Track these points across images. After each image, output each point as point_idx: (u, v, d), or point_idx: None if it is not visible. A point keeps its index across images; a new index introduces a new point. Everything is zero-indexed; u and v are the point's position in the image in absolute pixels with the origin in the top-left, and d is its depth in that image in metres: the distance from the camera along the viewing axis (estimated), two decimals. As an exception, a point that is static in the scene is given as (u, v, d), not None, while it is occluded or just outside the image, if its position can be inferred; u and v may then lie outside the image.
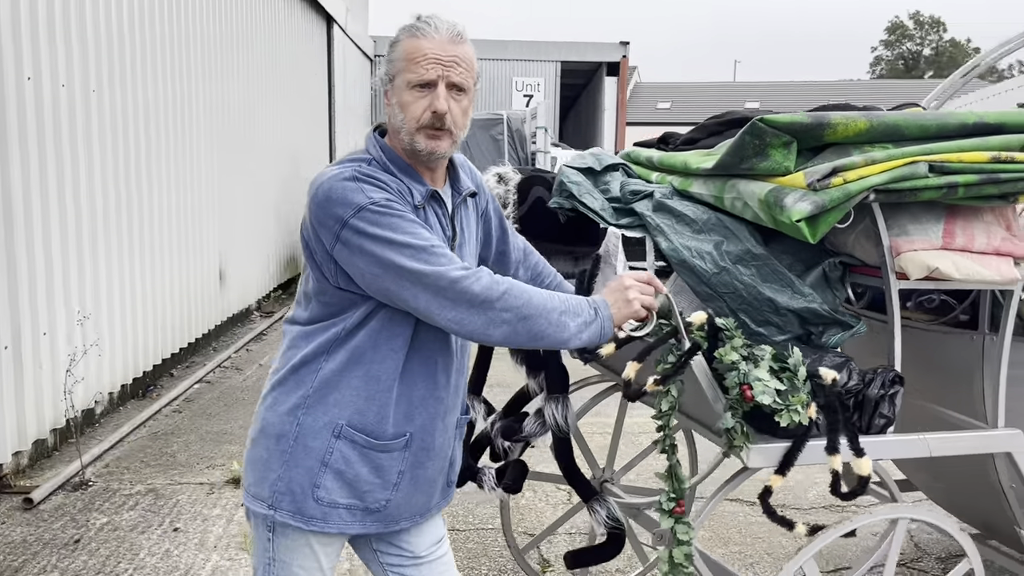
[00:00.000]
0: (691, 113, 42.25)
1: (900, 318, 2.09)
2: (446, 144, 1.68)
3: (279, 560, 1.80)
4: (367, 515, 1.77)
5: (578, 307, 1.64)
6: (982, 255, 2.03)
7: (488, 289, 1.57)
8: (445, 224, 1.75)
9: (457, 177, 1.81)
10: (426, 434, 1.78)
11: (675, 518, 1.98)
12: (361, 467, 1.73)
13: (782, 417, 1.83)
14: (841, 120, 1.97)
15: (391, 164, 1.70)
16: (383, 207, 1.60)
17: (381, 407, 1.72)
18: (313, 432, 1.71)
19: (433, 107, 1.63)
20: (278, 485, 1.73)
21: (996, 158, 1.92)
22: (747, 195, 2.07)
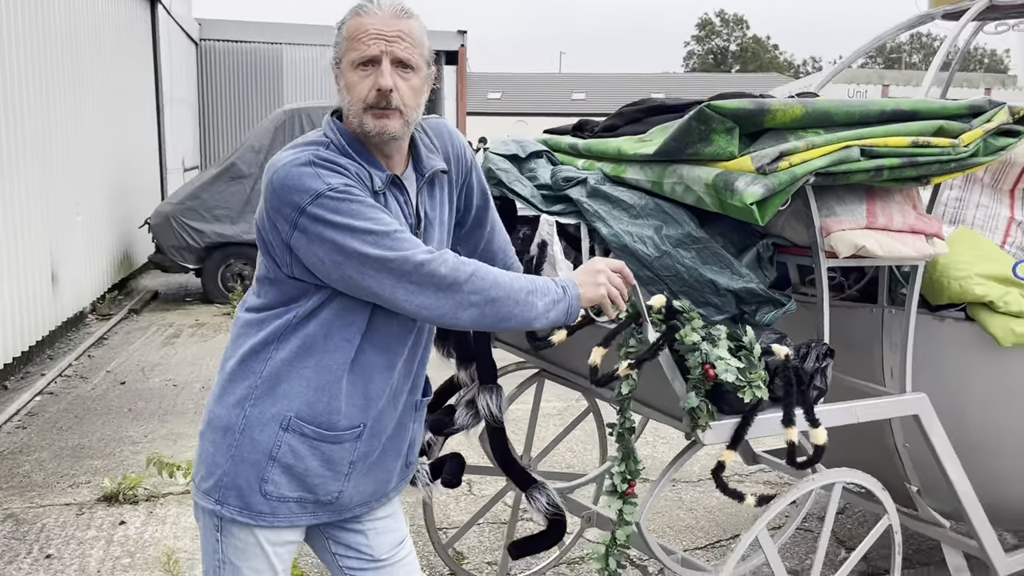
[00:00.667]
0: (521, 103, 43.06)
1: (826, 295, 2.21)
2: (396, 124, 1.60)
3: (228, 562, 1.72)
4: (319, 507, 1.73)
5: (545, 286, 1.63)
6: (900, 233, 2.19)
7: (455, 271, 1.54)
8: (408, 211, 1.67)
9: (419, 157, 1.72)
10: (380, 424, 1.72)
11: (624, 499, 2.01)
12: (311, 460, 1.67)
13: (745, 393, 1.90)
14: (780, 107, 2.06)
15: (349, 148, 1.62)
16: (342, 193, 1.53)
17: (332, 398, 1.65)
18: (260, 425, 1.64)
19: (377, 84, 1.56)
20: (224, 480, 1.67)
21: (915, 142, 2.07)
22: (691, 180, 2.12)
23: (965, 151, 2.12)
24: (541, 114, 42.65)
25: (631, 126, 2.63)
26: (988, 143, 2.16)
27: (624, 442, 1.97)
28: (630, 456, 1.97)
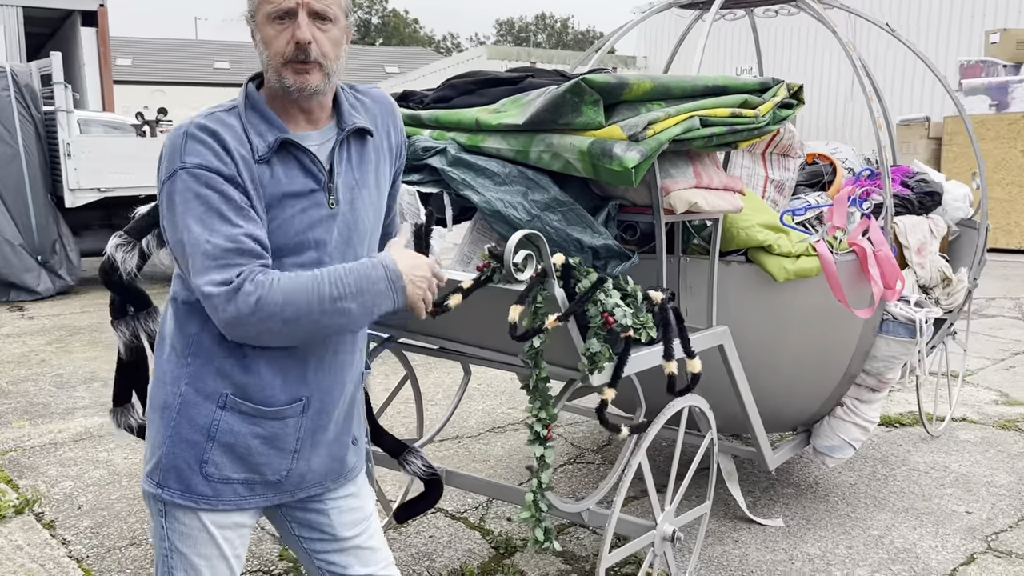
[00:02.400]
0: (156, 71, 39.71)
1: (664, 247, 2.55)
2: (316, 78, 1.56)
3: (175, 550, 1.65)
4: (268, 488, 1.67)
5: (363, 285, 1.52)
6: (718, 191, 2.59)
7: (238, 310, 1.45)
8: (318, 168, 1.60)
9: (341, 114, 1.67)
10: (325, 396, 1.68)
11: (544, 444, 2.18)
12: (252, 439, 1.62)
13: (641, 335, 2.15)
14: (635, 81, 2.32)
15: (249, 109, 1.58)
16: (194, 171, 1.49)
17: (267, 372, 1.60)
18: (196, 403, 1.60)
19: (295, 37, 1.53)
20: (164, 462, 1.61)
21: (735, 113, 2.46)
22: (562, 148, 2.31)
23: (763, 120, 2.56)
24: (181, 83, 39.81)
25: (464, 97, 2.74)
26: (776, 113, 2.63)
27: (541, 392, 2.12)
28: (547, 404, 2.13)
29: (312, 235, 1.58)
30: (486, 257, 2.23)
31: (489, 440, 4.46)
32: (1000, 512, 3.53)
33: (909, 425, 4.61)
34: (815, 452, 3.49)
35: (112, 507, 3.59)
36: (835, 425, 3.38)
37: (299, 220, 1.57)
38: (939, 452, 4.22)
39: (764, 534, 3.35)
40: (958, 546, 3.25)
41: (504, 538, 3.31)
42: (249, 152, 1.54)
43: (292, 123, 1.61)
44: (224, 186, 1.49)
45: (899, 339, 3.09)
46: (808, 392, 3.26)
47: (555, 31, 75.38)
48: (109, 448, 4.30)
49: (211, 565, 1.65)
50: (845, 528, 3.39)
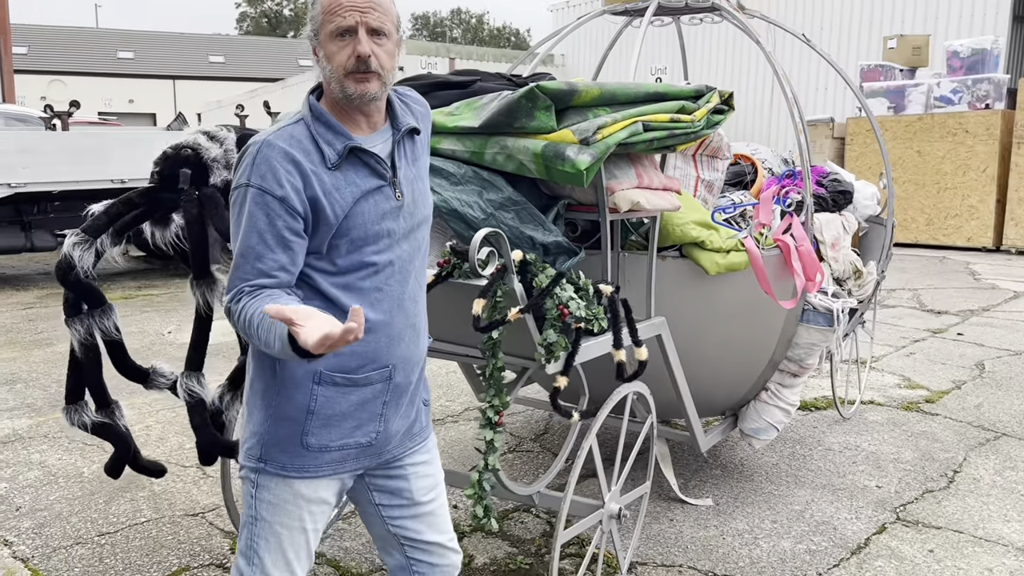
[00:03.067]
0: (54, 60, 38.04)
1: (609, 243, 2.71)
2: (375, 86, 1.73)
3: (261, 518, 1.82)
4: (361, 452, 1.84)
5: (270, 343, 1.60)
6: (657, 190, 2.76)
7: (231, 315, 1.68)
8: (383, 167, 1.78)
9: (395, 115, 1.85)
10: (405, 364, 1.85)
11: (495, 429, 2.32)
12: (346, 405, 1.79)
13: (593, 325, 2.30)
14: (584, 88, 2.47)
15: (316, 120, 1.75)
16: (252, 191, 1.68)
17: (359, 346, 1.77)
18: (294, 383, 1.76)
19: (356, 52, 1.70)
20: (267, 438, 1.79)
21: (673, 118, 2.64)
22: (516, 150, 2.44)
23: (699, 125, 2.75)
24: (82, 73, 38.26)
25: (416, 100, 2.84)
26: (709, 119, 2.82)
27: (495, 380, 2.25)
28: (500, 392, 2.26)
29: (385, 225, 1.76)
30: (447, 254, 2.35)
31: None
32: (907, 486, 3.85)
33: (823, 409, 4.93)
34: (742, 435, 3.73)
35: (52, 507, 3.55)
36: (760, 409, 3.63)
37: (372, 213, 1.74)
38: (851, 433, 4.54)
39: (696, 512, 3.56)
40: (871, 517, 3.53)
41: (452, 524, 3.43)
42: (320, 162, 1.71)
43: (355, 128, 1.77)
44: (276, 210, 1.67)
45: (818, 327, 3.34)
46: (736, 378, 3.49)
47: (471, 27, 75.50)
48: (41, 450, 4.22)
49: (291, 535, 1.82)
50: (770, 504, 3.64)
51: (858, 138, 12.92)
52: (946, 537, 3.35)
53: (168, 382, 2.80)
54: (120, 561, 3.12)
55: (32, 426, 4.55)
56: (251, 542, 1.84)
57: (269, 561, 1.83)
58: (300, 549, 1.85)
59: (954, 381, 5.50)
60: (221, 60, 42.59)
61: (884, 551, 3.24)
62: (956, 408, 4.94)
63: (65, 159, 8.28)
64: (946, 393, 5.24)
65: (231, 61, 42.68)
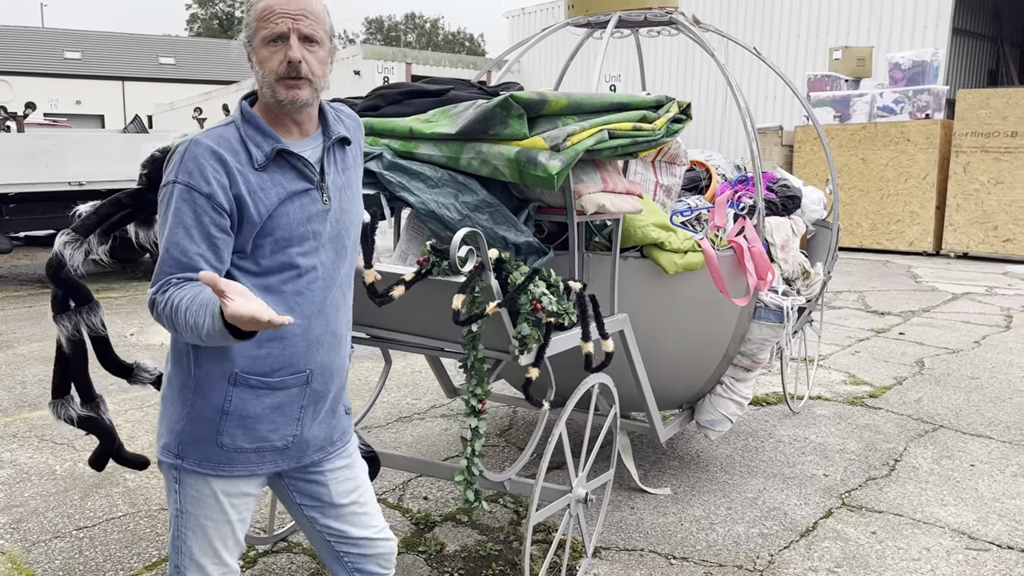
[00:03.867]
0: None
1: (576, 243, 2.88)
2: (306, 92, 1.80)
3: (186, 511, 1.87)
4: (277, 454, 1.89)
5: (200, 324, 1.64)
6: (621, 194, 2.94)
7: (158, 316, 1.72)
8: (310, 170, 1.84)
9: (327, 123, 1.93)
10: (324, 370, 1.90)
11: (479, 416, 2.47)
12: (261, 408, 1.83)
13: (564, 320, 2.47)
14: (553, 98, 2.64)
15: (246, 123, 1.82)
16: (180, 188, 1.73)
17: (273, 348, 1.82)
18: (210, 383, 1.80)
19: (287, 57, 1.77)
20: (183, 436, 1.82)
21: (635, 127, 2.82)
22: (491, 155, 2.60)
23: (659, 133, 2.94)
24: (28, 73, 37.41)
25: (393, 107, 2.99)
26: (669, 127, 3.01)
27: (478, 370, 2.40)
28: (482, 381, 2.41)
29: (310, 227, 1.83)
30: (426, 252, 2.50)
31: (398, 429, 4.69)
32: (851, 474, 4.09)
33: (774, 404, 5.17)
34: (698, 426, 3.93)
35: (27, 504, 3.60)
36: (715, 401, 3.83)
37: (297, 215, 1.81)
38: (800, 426, 4.78)
39: (656, 501, 3.75)
40: (818, 503, 3.75)
41: (423, 515, 3.56)
42: (247, 163, 1.77)
43: (286, 133, 1.85)
44: (201, 206, 1.72)
45: (770, 323, 3.56)
46: (692, 372, 3.69)
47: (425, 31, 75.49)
48: (11, 449, 4.25)
49: (216, 526, 1.87)
50: (724, 492, 3.85)
51: (805, 146, 13.34)
52: (887, 520, 3.58)
53: (152, 377, 2.89)
54: (100, 553, 3.20)
55: (1, 426, 4.57)
56: (179, 533, 1.88)
57: (198, 551, 1.87)
58: (227, 539, 1.89)
59: (896, 377, 5.80)
60: (171, 62, 41.96)
61: (830, 534, 3.46)
62: (897, 402, 5.22)
63: (21, 161, 8.22)
64: (888, 389, 5.53)
65: (182, 63, 42.08)
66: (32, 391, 5.23)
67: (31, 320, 7.31)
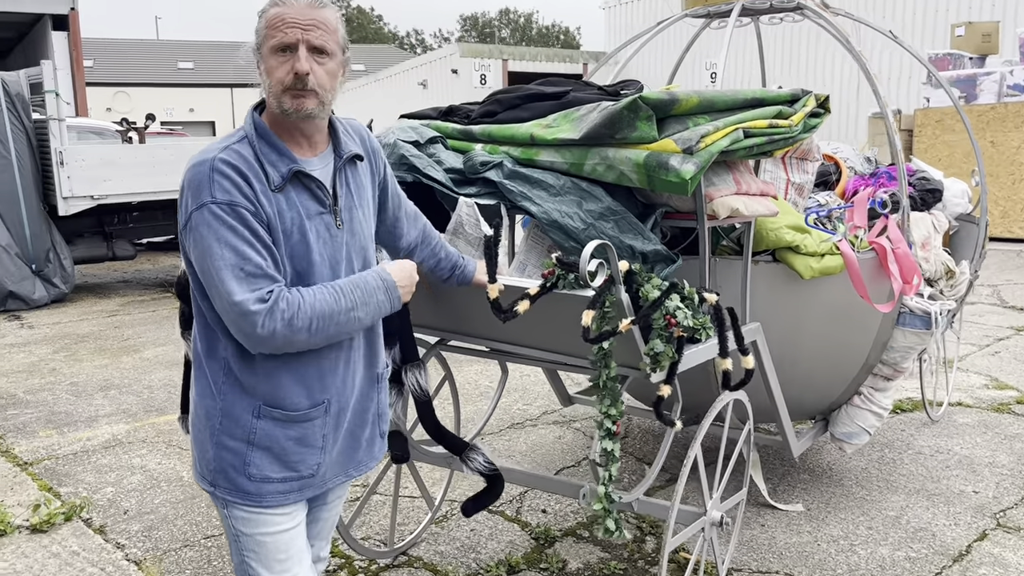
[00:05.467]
0: (118, 72, 39.18)
1: (707, 250, 2.71)
2: (312, 103, 1.73)
3: (243, 534, 1.88)
4: (303, 483, 1.88)
5: (368, 297, 1.79)
6: (755, 196, 2.75)
7: (274, 327, 1.66)
8: (324, 194, 1.79)
9: (339, 141, 1.86)
10: (341, 395, 1.89)
11: (613, 438, 2.34)
12: (286, 440, 1.83)
13: (701, 335, 2.31)
14: (684, 97, 2.48)
15: (260, 139, 1.75)
16: (223, 207, 1.67)
17: (292, 381, 1.80)
18: (235, 415, 1.80)
19: (295, 68, 1.70)
20: (213, 464, 1.84)
21: (772, 124, 2.63)
22: (617, 160, 2.46)
23: (796, 129, 2.73)
24: (145, 84, 39.36)
25: (510, 111, 2.88)
26: (806, 123, 2.80)
27: (611, 390, 2.27)
28: (616, 401, 2.28)
29: (325, 253, 1.79)
30: (550, 265, 2.38)
31: (511, 436, 4.60)
32: (1005, 491, 3.76)
33: (910, 411, 4.84)
34: (833, 439, 3.69)
35: (158, 511, 3.69)
36: (853, 413, 3.58)
37: (312, 240, 1.76)
38: (941, 436, 4.44)
39: (788, 518, 3.53)
40: (970, 524, 3.46)
41: (543, 529, 3.46)
42: (265, 183, 1.71)
43: (296, 148, 1.78)
44: (250, 220, 1.68)
45: (916, 330, 3.29)
46: (829, 382, 3.45)
47: (519, 26, 75.56)
48: (141, 454, 4.38)
49: (274, 539, 1.87)
50: (863, 510, 3.59)
51: (926, 130, 12.60)
52: (1052, 544, 3.27)
53: None
54: (227, 564, 3.23)
55: (130, 431, 4.72)
56: (242, 557, 1.89)
57: (264, 570, 1.88)
58: (290, 547, 1.89)
59: (1045, 381, 5.35)
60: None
61: (987, 559, 3.18)
62: (1050, 409, 4.81)
63: (144, 171, 8.55)
64: (1037, 394, 5.10)
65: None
66: (158, 396, 5.40)
67: (155, 324, 7.59)
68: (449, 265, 2.35)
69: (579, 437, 4.53)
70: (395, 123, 2.94)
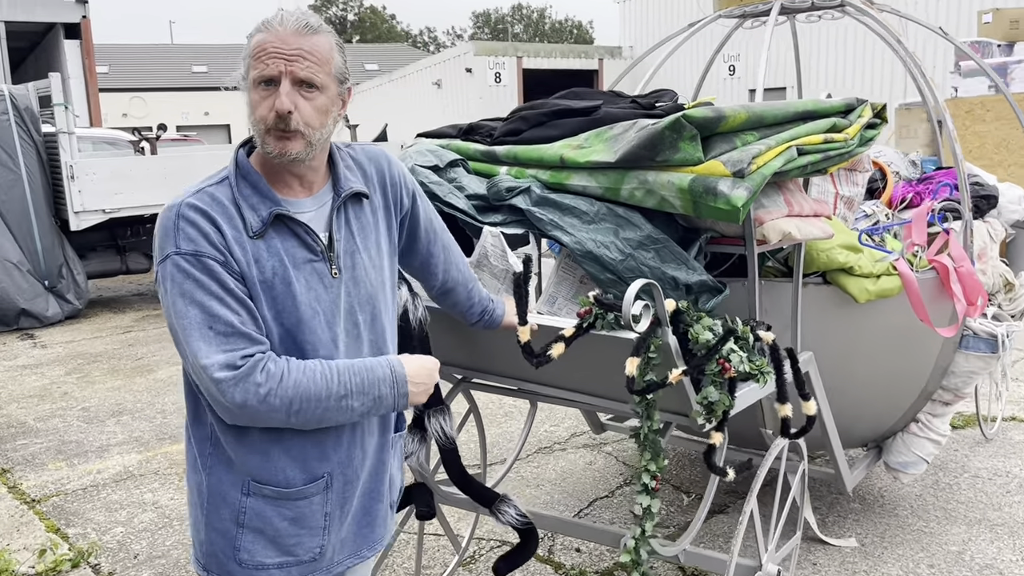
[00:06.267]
0: (133, 78, 39.27)
1: (757, 278, 2.47)
2: (298, 146, 1.52)
3: None
4: (303, 567, 1.65)
5: (369, 385, 1.55)
6: (808, 217, 2.51)
7: (245, 399, 1.45)
8: (313, 238, 1.57)
9: (338, 178, 1.64)
10: (347, 468, 1.66)
11: (652, 494, 2.10)
12: (280, 521, 1.61)
13: (760, 380, 2.07)
14: (731, 113, 2.23)
15: (241, 179, 1.56)
16: (188, 259, 1.47)
17: (284, 453, 1.58)
18: (221, 492, 1.60)
19: (275, 107, 1.49)
20: (204, 547, 1.65)
21: (827, 139, 2.38)
22: (658, 185, 2.22)
23: (852, 143, 2.48)
24: (160, 89, 39.40)
25: (536, 130, 2.65)
26: (863, 135, 2.55)
27: (653, 443, 2.04)
28: (658, 455, 2.05)
29: (319, 306, 1.56)
30: (586, 303, 2.15)
31: (539, 463, 4.37)
32: (1073, 519, 3.49)
33: (961, 428, 4.56)
34: (887, 468, 3.44)
35: (169, 554, 3.49)
36: (909, 441, 3.33)
37: (302, 292, 1.54)
38: (997, 456, 4.17)
39: (841, 555, 3.29)
40: (1039, 559, 3.20)
41: (578, 571, 3.23)
42: (242, 228, 1.51)
43: (286, 188, 1.58)
44: (219, 271, 1.48)
45: (980, 354, 3.03)
46: (882, 410, 3.20)
47: (532, 22, 75.13)
48: (153, 488, 4.19)
49: None
50: (922, 544, 3.34)
51: (956, 121, 12.21)
52: None
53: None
54: (242, 617, 3.02)
55: (142, 462, 4.54)
56: None
57: None
58: None
59: (1102, 391, 5.06)
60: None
61: (1064, 601, 2.92)
62: (1111, 424, 4.52)
63: (156, 182, 8.39)
64: (1096, 406, 4.81)
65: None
66: (172, 422, 5.21)
67: (168, 340, 7.42)
68: (480, 308, 2.12)
69: (611, 463, 4.30)
70: (412, 145, 2.71)
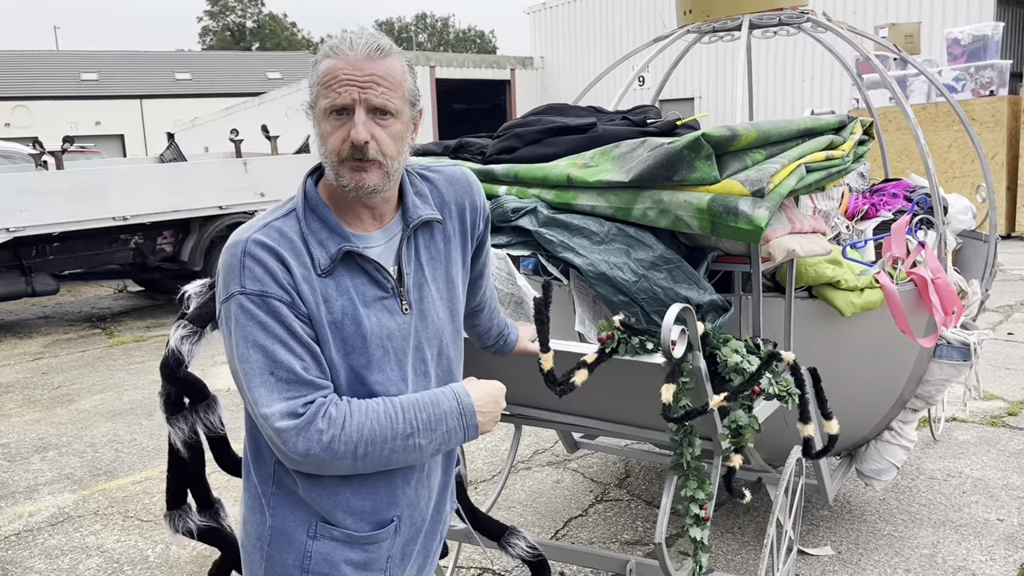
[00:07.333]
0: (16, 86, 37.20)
1: (761, 296, 2.46)
2: (375, 177, 1.44)
3: None
4: None
5: (436, 420, 1.47)
6: (808, 234, 2.52)
7: (308, 448, 1.39)
8: (383, 275, 1.50)
9: (407, 207, 1.56)
10: (414, 510, 1.61)
11: (703, 525, 2.06)
12: (344, 566, 1.54)
13: (788, 402, 2.05)
14: (743, 132, 2.22)
15: (309, 213, 1.48)
16: (253, 299, 1.41)
17: (355, 495, 1.51)
18: (285, 535, 1.52)
19: (351, 137, 1.41)
20: None
21: (827, 156, 2.39)
22: (674, 204, 2.18)
23: (848, 159, 2.51)
24: (46, 97, 37.44)
25: (531, 148, 2.58)
26: (856, 151, 2.59)
27: (698, 470, 1.99)
28: (703, 483, 2.00)
29: (389, 344, 1.48)
30: (607, 328, 2.09)
31: (506, 483, 4.28)
32: (1029, 516, 3.64)
33: (909, 430, 4.71)
34: (860, 476, 3.50)
35: (125, 604, 3.24)
36: (882, 448, 3.39)
37: (370, 331, 1.46)
38: (947, 456, 4.32)
39: (820, 565, 3.32)
40: (1006, 558, 3.31)
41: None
42: (310, 266, 1.43)
43: (356, 221, 1.50)
44: (285, 314, 1.41)
45: (952, 362, 3.12)
46: (860, 419, 3.25)
47: (436, 31, 75.03)
48: (95, 531, 3.89)
49: None
50: (895, 549, 3.41)
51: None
52: (1096, 577, 3.14)
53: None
54: (218, 668, 2.82)
55: (78, 501, 4.22)
56: None
57: None
58: None
59: (1027, 389, 5.32)
60: (188, 77, 41.89)
61: (1037, 599, 3.03)
62: (1043, 420, 4.75)
63: (63, 199, 7.90)
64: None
65: (198, 78, 42.00)
66: (104, 455, 4.88)
67: (87, 367, 6.99)
68: (497, 332, 2.03)
69: (578, 479, 4.25)
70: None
